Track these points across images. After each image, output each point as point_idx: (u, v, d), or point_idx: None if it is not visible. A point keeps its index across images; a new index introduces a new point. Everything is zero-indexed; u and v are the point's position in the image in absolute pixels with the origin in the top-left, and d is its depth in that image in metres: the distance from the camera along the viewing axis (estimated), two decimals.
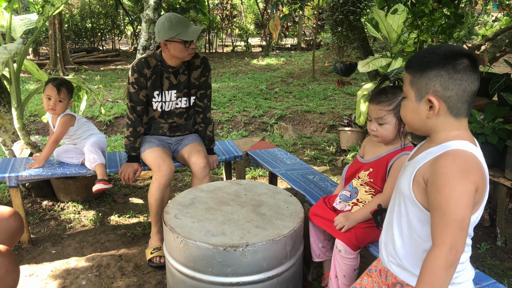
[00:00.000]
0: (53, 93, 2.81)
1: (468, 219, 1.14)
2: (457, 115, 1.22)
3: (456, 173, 1.14)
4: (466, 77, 1.19)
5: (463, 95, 1.20)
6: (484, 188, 1.20)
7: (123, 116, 6.19)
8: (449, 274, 1.14)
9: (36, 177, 2.75)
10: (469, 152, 1.19)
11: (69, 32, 13.65)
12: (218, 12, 15.19)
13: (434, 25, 3.11)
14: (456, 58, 1.19)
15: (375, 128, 1.91)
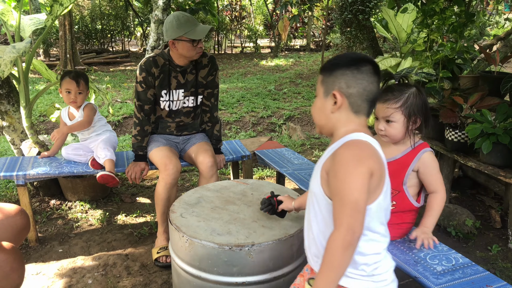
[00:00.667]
0: (72, 86, 2.84)
1: (363, 201, 1.20)
2: (357, 112, 1.33)
3: (350, 159, 1.23)
4: (367, 77, 1.31)
5: (363, 93, 1.31)
6: (382, 174, 1.27)
7: (131, 116, 6.20)
8: (347, 254, 1.20)
9: (44, 176, 2.76)
10: (364, 140, 1.28)
11: (79, 34, 13.76)
12: (227, 13, 15.21)
13: (444, 24, 3.06)
14: (361, 62, 1.32)
15: (383, 127, 1.87)
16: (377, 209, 1.29)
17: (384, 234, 1.35)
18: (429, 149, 1.88)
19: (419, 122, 1.85)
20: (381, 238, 1.34)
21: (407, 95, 1.82)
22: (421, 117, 1.84)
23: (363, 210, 1.21)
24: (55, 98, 7.33)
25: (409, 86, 1.86)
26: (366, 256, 1.32)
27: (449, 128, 3.06)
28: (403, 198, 1.92)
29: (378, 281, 1.34)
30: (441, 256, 1.81)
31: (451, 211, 3.06)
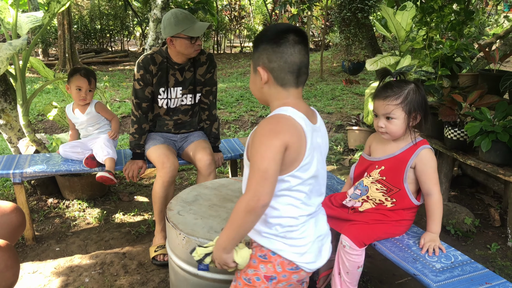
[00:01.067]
0: (83, 83, 2.83)
1: (272, 171, 1.25)
2: (283, 85, 1.36)
3: (267, 131, 1.29)
4: (286, 49, 1.33)
5: (284, 66, 1.33)
6: (300, 148, 1.30)
7: (130, 115, 6.18)
8: (248, 218, 1.27)
9: (41, 174, 2.74)
10: (285, 115, 1.32)
11: (78, 33, 13.72)
12: (227, 13, 15.19)
13: (443, 21, 3.05)
14: (281, 34, 1.34)
15: (384, 124, 1.87)
16: (296, 181, 1.33)
17: (306, 203, 1.39)
18: (428, 146, 1.87)
19: (419, 118, 1.84)
20: (301, 205, 1.38)
21: (407, 91, 1.81)
22: (421, 113, 1.83)
23: (272, 179, 1.26)
24: (53, 97, 7.31)
25: (408, 83, 1.85)
26: (281, 218, 1.37)
27: (448, 126, 3.05)
28: (403, 196, 1.90)
29: (291, 244, 1.38)
30: (441, 254, 1.80)
31: (450, 209, 3.05)
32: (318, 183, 1.42)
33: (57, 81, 3.41)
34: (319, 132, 1.41)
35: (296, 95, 1.38)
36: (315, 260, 1.42)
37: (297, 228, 1.38)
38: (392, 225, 1.93)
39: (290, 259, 1.38)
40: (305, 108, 1.39)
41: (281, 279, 1.39)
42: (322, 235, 1.46)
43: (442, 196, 3.28)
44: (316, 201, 1.43)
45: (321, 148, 1.42)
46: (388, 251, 1.84)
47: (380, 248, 1.88)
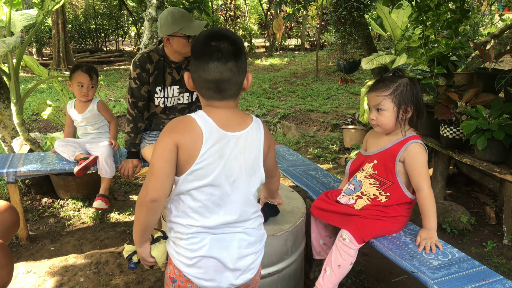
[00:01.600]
0: (85, 79, 2.79)
1: (159, 167, 1.28)
2: (203, 95, 1.34)
3: (164, 130, 1.32)
4: (201, 65, 1.27)
5: (199, 80, 1.30)
6: (192, 151, 1.29)
7: (125, 114, 6.15)
8: (140, 211, 1.32)
9: (35, 173, 2.71)
10: (188, 116, 1.32)
11: (72, 33, 13.66)
12: (222, 12, 15.17)
13: (439, 20, 3.05)
14: (202, 46, 1.28)
15: (375, 116, 1.88)
16: (189, 186, 1.31)
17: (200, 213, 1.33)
18: (418, 141, 1.87)
19: (410, 112, 1.84)
20: (194, 214, 1.33)
21: (398, 84, 1.82)
22: (412, 106, 1.83)
23: (158, 175, 1.28)
24: (48, 96, 7.27)
25: (401, 77, 1.86)
26: (173, 223, 1.37)
27: (444, 124, 3.05)
28: (396, 189, 1.91)
29: (177, 252, 1.36)
30: (437, 251, 1.79)
31: (446, 207, 3.05)
32: (223, 196, 1.33)
33: (51, 80, 3.38)
34: (238, 140, 1.33)
35: (218, 105, 1.33)
36: (206, 278, 1.34)
37: (186, 237, 1.33)
38: (389, 222, 1.93)
39: (177, 267, 1.36)
40: (224, 116, 1.32)
41: (180, 284, 1.37)
42: (226, 259, 1.34)
43: (438, 195, 3.31)
44: (221, 218, 1.33)
45: (236, 159, 1.32)
46: (385, 248, 1.84)
47: (377, 245, 1.87)
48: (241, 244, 1.37)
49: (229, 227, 1.36)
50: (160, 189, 1.28)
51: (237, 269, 1.37)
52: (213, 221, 1.33)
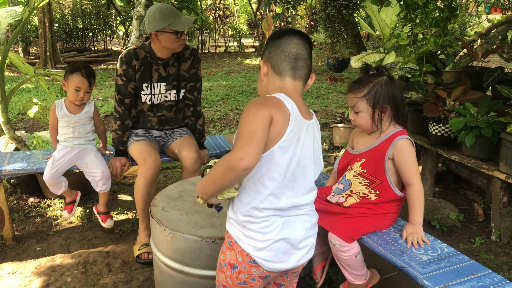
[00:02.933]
0: (84, 85, 2.56)
1: (260, 134, 1.25)
2: (279, 73, 1.42)
3: (256, 103, 1.33)
4: (284, 41, 1.41)
5: (281, 54, 1.41)
6: (283, 124, 1.31)
7: (113, 113, 6.11)
8: (227, 175, 1.26)
9: (21, 172, 2.67)
10: (275, 96, 1.36)
11: (59, 32, 13.52)
12: (211, 12, 15.13)
13: (428, 17, 3.07)
14: (284, 33, 1.43)
15: (353, 117, 1.90)
16: (271, 161, 1.32)
17: (275, 195, 1.35)
18: (405, 136, 1.86)
19: (387, 111, 1.84)
20: (269, 197, 1.35)
21: (373, 84, 1.81)
22: (390, 105, 1.82)
23: (259, 142, 1.25)
24: (34, 95, 7.17)
25: (378, 76, 1.85)
26: (244, 205, 1.36)
27: (432, 122, 3.07)
28: (386, 187, 1.90)
29: (247, 236, 1.37)
30: (427, 246, 1.80)
31: (435, 205, 3.07)
32: (293, 178, 1.37)
33: (37, 79, 3.33)
34: (308, 127, 1.40)
35: (293, 87, 1.41)
36: (275, 261, 1.38)
37: (258, 221, 1.35)
38: (378, 219, 1.93)
39: (246, 251, 1.37)
40: (299, 101, 1.40)
41: (242, 270, 1.38)
42: (294, 240, 1.40)
43: (427, 192, 3.32)
44: (289, 200, 1.38)
45: (307, 145, 1.40)
46: (375, 244, 1.83)
47: (367, 241, 1.87)
48: (306, 225, 1.44)
49: (296, 209, 1.41)
50: (257, 157, 1.25)
51: (303, 247, 1.44)
52: (284, 203, 1.37)
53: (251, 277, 1.39)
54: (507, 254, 2.66)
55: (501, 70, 3.04)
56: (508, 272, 2.47)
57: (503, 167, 2.63)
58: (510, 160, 2.57)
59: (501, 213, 2.75)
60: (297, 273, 1.54)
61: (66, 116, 2.63)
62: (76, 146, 2.66)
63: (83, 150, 2.68)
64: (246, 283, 1.40)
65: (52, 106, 2.65)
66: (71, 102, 2.63)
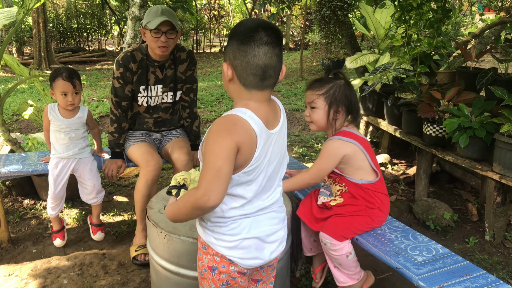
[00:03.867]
0: (68, 88, 2.49)
1: (226, 170, 1.23)
2: (246, 85, 1.31)
3: (222, 131, 1.27)
4: (251, 50, 1.26)
5: (246, 66, 1.28)
6: (250, 151, 1.29)
7: (108, 115, 6.09)
8: (194, 213, 1.28)
9: (16, 174, 2.66)
10: (242, 118, 1.28)
11: (54, 32, 13.46)
12: (206, 12, 15.12)
13: (422, 19, 3.09)
14: (250, 32, 1.27)
15: (308, 113, 2.00)
16: (237, 183, 1.33)
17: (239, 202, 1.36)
18: (336, 137, 1.96)
19: (341, 112, 1.94)
20: (230, 202, 1.36)
21: (332, 85, 1.92)
22: (344, 107, 1.93)
23: (225, 179, 1.23)
24: (29, 96, 7.15)
25: (338, 79, 1.95)
26: (211, 213, 1.36)
27: (427, 123, 3.09)
28: (344, 180, 2.00)
29: (218, 238, 1.39)
30: (422, 247, 1.81)
31: (430, 205, 3.09)
32: (261, 188, 1.39)
33: (32, 80, 3.32)
34: (276, 136, 1.38)
35: (259, 98, 1.33)
36: (249, 257, 1.40)
37: (225, 224, 1.38)
38: (367, 216, 1.95)
39: (220, 252, 1.39)
40: (266, 113, 1.34)
41: (221, 270, 1.40)
42: (264, 236, 1.43)
43: (422, 192, 3.36)
44: (255, 204, 1.40)
45: (275, 153, 1.39)
46: (370, 245, 1.85)
47: (362, 242, 1.89)
48: (273, 221, 1.46)
49: (263, 210, 1.43)
50: (223, 193, 1.24)
51: (274, 241, 1.46)
52: (251, 209, 1.39)
53: (231, 275, 1.41)
54: (500, 253, 2.69)
55: (494, 71, 3.07)
56: (502, 271, 2.49)
57: (496, 167, 2.65)
58: (504, 161, 2.60)
59: (494, 213, 2.78)
60: (272, 266, 1.57)
61: (58, 120, 2.57)
62: (71, 157, 2.62)
63: (78, 160, 2.65)
64: (228, 283, 1.42)
65: (45, 108, 2.62)
66: (64, 111, 2.59)
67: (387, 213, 2.05)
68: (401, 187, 3.67)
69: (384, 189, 2.02)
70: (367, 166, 1.97)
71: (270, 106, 1.38)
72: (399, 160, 4.26)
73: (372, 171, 1.98)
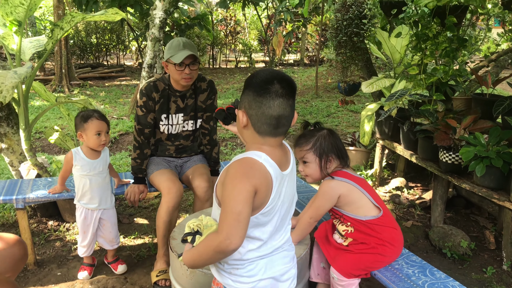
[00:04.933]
0: (104, 126, 2.55)
1: (245, 214, 1.28)
2: (260, 133, 1.39)
3: (240, 174, 1.32)
4: (266, 101, 1.34)
5: (261, 116, 1.36)
6: (267, 193, 1.35)
7: (128, 133, 6.22)
8: (215, 257, 1.35)
9: (43, 199, 2.77)
10: (258, 161, 1.35)
11: (74, 48, 13.77)
12: (222, 28, 15.33)
13: (438, 48, 3.13)
14: (265, 85, 1.35)
15: (302, 168, 2.08)
16: (253, 225, 1.38)
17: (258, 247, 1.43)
18: (328, 178, 2.04)
19: (333, 160, 2.03)
20: (257, 251, 1.43)
21: (317, 137, 2.01)
22: (334, 155, 2.02)
23: (245, 222, 1.29)
24: (50, 114, 7.34)
25: (320, 130, 2.05)
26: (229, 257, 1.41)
27: (443, 150, 3.12)
28: (347, 218, 2.04)
29: (235, 280, 1.44)
30: (439, 284, 1.85)
31: (446, 232, 3.11)
32: (276, 228, 1.46)
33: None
34: (287, 178, 1.46)
35: (272, 143, 1.41)
36: None
37: (243, 266, 1.44)
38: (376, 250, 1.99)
39: None
40: (279, 156, 1.42)
41: None
42: (278, 275, 1.49)
43: (438, 218, 3.37)
44: (270, 245, 1.47)
45: (287, 194, 1.47)
46: (388, 280, 1.89)
47: (380, 277, 1.93)
48: (285, 260, 1.53)
49: (276, 250, 1.49)
50: (244, 236, 1.30)
51: (287, 280, 1.53)
52: (268, 249, 1.46)
53: None
54: None
55: (511, 99, 3.09)
56: None
57: None
58: None
59: None
60: None
61: (85, 162, 2.57)
62: (96, 209, 2.67)
63: (103, 211, 2.71)
64: None
65: (67, 155, 2.60)
66: (89, 149, 2.59)
67: (400, 247, 2.08)
68: (417, 212, 3.68)
69: (391, 222, 2.06)
70: (368, 203, 2.03)
71: (282, 149, 1.46)
72: (415, 184, 4.28)
73: (374, 207, 2.04)
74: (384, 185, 4.26)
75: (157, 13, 4.46)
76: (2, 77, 2.47)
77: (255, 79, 1.38)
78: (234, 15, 15.49)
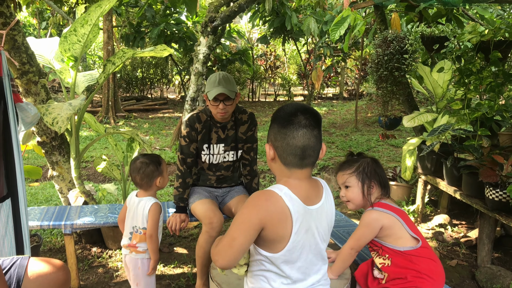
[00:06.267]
0: None
1: (240, 242, 1.34)
2: (286, 164, 1.42)
3: (251, 204, 1.38)
4: (290, 132, 1.38)
5: (286, 148, 1.39)
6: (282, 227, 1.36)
7: (169, 163, 6.38)
8: None
9: (89, 226, 2.88)
10: (276, 193, 1.37)
11: (121, 81, 14.43)
12: (262, 62, 15.67)
13: (482, 83, 3.09)
14: (289, 116, 1.40)
15: (344, 193, 2.07)
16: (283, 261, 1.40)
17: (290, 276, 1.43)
18: (370, 208, 2.01)
19: (374, 187, 2.01)
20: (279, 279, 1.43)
21: (360, 163, 2.02)
22: (376, 182, 2.00)
23: (237, 249, 1.35)
24: (97, 144, 7.65)
25: (364, 157, 2.06)
26: None
27: (489, 187, 3.02)
28: (386, 249, 2.01)
29: None
30: None
31: (494, 273, 2.97)
32: (308, 265, 1.46)
33: (107, 136, 3.62)
34: (317, 211, 1.45)
35: (299, 176, 1.43)
36: None
37: None
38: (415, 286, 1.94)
39: None
40: (306, 190, 1.43)
41: None
42: None
43: (485, 258, 3.24)
44: (306, 283, 1.47)
45: (319, 227, 1.46)
46: None
47: None
48: None
49: (313, 285, 1.50)
50: (233, 261, 1.37)
51: None
52: (302, 286, 1.46)
53: None
54: None
55: None
56: None
57: None
58: None
59: None
60: None
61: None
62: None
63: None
64: None
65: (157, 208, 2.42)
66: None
67: (440, 281, 2.01)
68: (462, 251, 3.54)
69: (430, 254, 2.01)
70: (407, 235, 2.00)
71: (311, 183, 1.47)
72: (459, 221, 4.13)
73: (412, 238, 2.01)
74: (427, 222, 4.14)
75: (201, 49, 4.65)
76: (59, 108, 2.64)
77: (280, 113, 1.44)
78: (274, 50, 15.84)
